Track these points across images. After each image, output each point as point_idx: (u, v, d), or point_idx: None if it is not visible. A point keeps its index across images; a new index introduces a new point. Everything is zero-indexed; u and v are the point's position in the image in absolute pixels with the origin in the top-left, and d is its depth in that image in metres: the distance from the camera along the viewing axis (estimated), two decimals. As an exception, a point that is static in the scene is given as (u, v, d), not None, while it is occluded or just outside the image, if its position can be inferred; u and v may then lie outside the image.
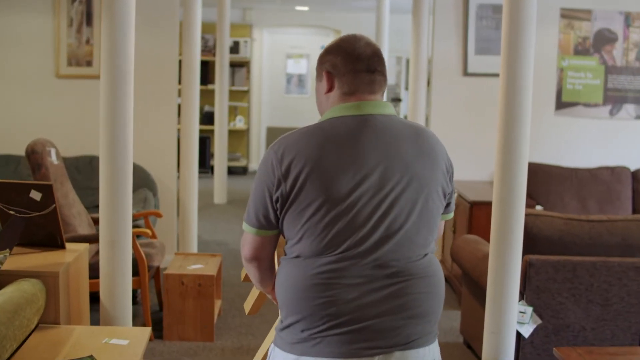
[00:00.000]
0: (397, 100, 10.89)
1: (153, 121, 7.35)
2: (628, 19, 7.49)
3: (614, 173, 7.44)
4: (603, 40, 7.53)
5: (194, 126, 7.12)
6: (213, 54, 12.36)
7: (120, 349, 3.68)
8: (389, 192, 2.46)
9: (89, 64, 7.28)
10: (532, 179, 6.77)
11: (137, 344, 3.74)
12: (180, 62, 7.22)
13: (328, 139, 2.46)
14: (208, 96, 12.82)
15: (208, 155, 13.13)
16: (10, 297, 3.54)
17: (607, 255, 4.59)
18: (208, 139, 13.00)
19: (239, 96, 13.88)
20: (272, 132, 14.31)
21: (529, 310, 4.54)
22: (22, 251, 4.30)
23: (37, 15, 7.32)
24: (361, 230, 2.44)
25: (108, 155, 4.08)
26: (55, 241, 4.37)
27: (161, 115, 7.34)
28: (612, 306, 4.57)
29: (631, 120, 7.65)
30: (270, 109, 14.66)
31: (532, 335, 4.58)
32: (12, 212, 4.26)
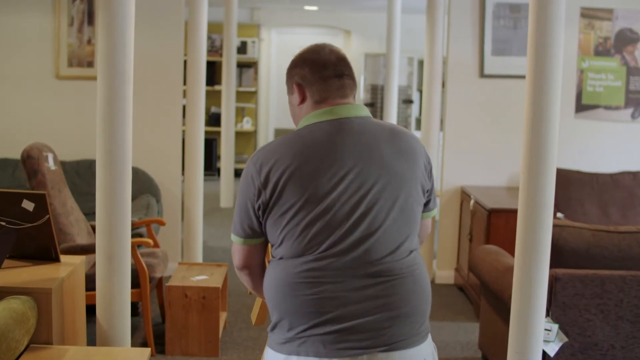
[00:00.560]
0: (409, 102, 10.62)
1: (157, 123, 7.11)
2: (651, 18, 7.19)
3: (636, 178, 7.14)
4: (625, 40, 7.23)
5: (200, 128, 6.87)
6: (220, 54, 12.21)
7: (116, 374, 3.43)
8: (368, 192, 2.51)
9: (90, 65, 7.02)
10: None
11: (135, 368, 3.48)
12: (185, 63, 6.96)
13: (305, 145, 2.54)
14: (215, 97, 12.64)
15: (214, 157, 12.93)
16: (-4, 318, 3.27)
17: (638, 269, 4.31)
18: (215, 141, 12.81)
19: (247, 97, 13.64)
20: (280, 134, 13.96)
21: (555, 327, 4.26)
22: (13, 265, 4.03)
23: (37, 14, 7.08)
24: (340, 229, 2.48)
25: (105, 161, 3.81)
26: (49, 254, 4.10)
27: (165, 117, 7.11)
28: (644, 324, 4.29)
29: (654, 123, 7.36)
30: (278, 110, 14.41)
31: (558, 354, 4.30)
32: (3, 223, 4.00)
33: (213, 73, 12.83)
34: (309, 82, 2.63)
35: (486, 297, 5.16)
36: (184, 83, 7.03)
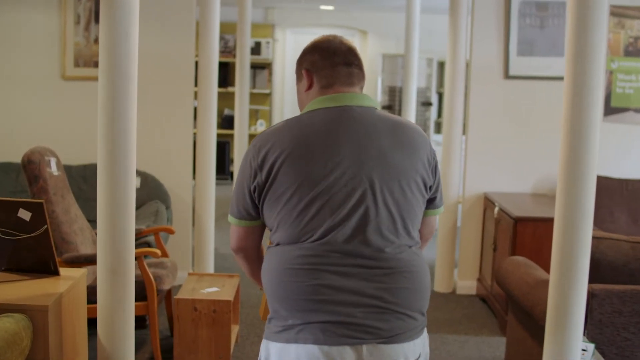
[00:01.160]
0: (428, 104, 10.32)
1: (167, 126, 6.85)
2: (684, 17, 6.86)
3: (668, 185, 6.82)
4: (656, 40, 6.91)
5: (212, 131, 6.59)
6: (233, 55, 12.00)
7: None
8: (362, 180, 2.50)
9: (98, 65, 6.71)
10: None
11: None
12: (197, 63, 6.69)
13: (303, 130, 2.55)
14: (228, 99, 12.40)
15: (228, 160, 12.68)
16: (-16, 341, 2.99)
17: (682, 285, 4.01)
18: (228, 144, 12.57)
19: (261, 99, 13.36)
20: (295, 137, 13.74)
21: (591, 347, 3.96)
22: (9, 278, 3.75)
23: (42, 12, 6.83)
24: (336, 216, 2.48)
25: (107, 166, 3.54)
26: (47, 267, 3.81)
27: (176, 119, 6.86)
28: (689, 344, 3.99)
29: (686, 127, 7.02)
30: (292, 113, 14.09)
31: (594, 375, 4.00)
32: (-2, 234, 3.72)
33: (226, 74, 12.59)
34: (318, 68, 2.67)
35: (514, 312, 4.85)
36: (195, 84, 6.76)
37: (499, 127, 6.82)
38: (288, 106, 14.06)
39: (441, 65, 12.08)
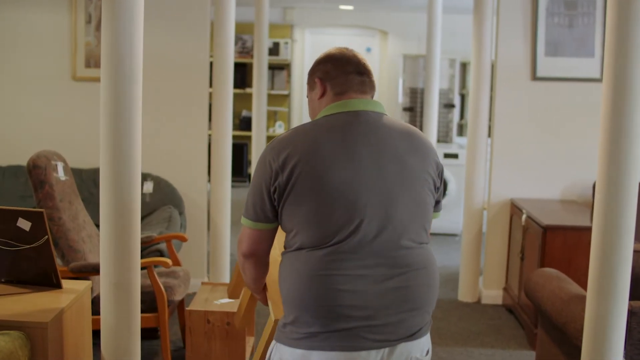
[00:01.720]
0: (450, 106, 10.06)
1: (180, 128, 6.63)
2: None
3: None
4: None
5: (227, 133, 6.35)
6: (251, 56, 11.76)
7: None
8: (382, 181, 2.56)
9: (109, 65, 6.50)
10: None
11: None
12: (211, 64, 6.46)
13: (321, 133, 2.59)
14: (246, 100, 12.19)
15: (245, 163, 12.45)
16: (-25, 363, 2.77)
17: None
18: (245, 146, 12.35)
19: (279, 100, 13.12)
20: (314, 139, 13.50)
21: (630, 368, 3.71)
22: (8, 291, 3.54)
23: (52, 11, 6.63)
24: (358, 218, 2.52)
25: (109, 175, 3.30)
26: (49, 279, 3.59)
27: (190, 121, 6.63)
28: None
29: None
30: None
31: (633, 398, 3.74)
32: (-4, 244, 3.50)
33: (244, 75, 12.39)
34: (331, 77, 2.72)
35: (545, 327, 4.58)
36: (210, 85, 6.54)
37: (526, 131, 6.55)
38: (307, 108, 13.77)
39: (463, 66, 11.82)
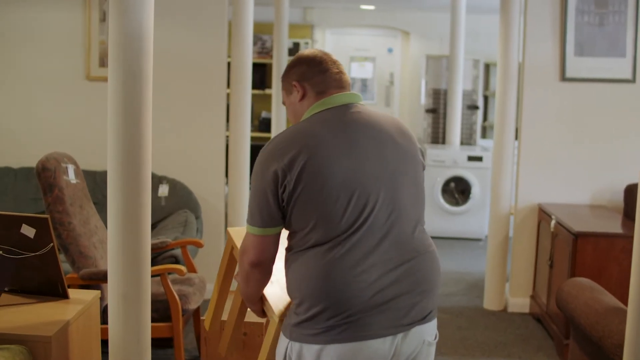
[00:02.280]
0: (474, 107, 9.82)
1: (197, 130, 6.45)
2: None
3: None
4: None
5: (245, 135, 6.16)
6: (271, 56, 11.55)
7: None
8: (386, 167, 2.63)
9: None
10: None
11: None
12: (229, 64, 6.28)
13: (319, 129, 2.61)
14: (265, 101, 12.00)
15: (265, 165, 12.17)
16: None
17: None
18: (265, 148, 12.06)
19: (299, 102, 12.89)
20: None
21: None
22: (12, 302, 3.35)
23: (65, 9, 6.48)
24: (369, 206, 2.56)
25: (117, 178, 3.11)
26: (55, 289, 3.40)
27: (207, 122, 6.46)
28: None
29: None
30: (332, 116, 13.65)
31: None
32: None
33: (263, 76, 12.20)
34: (308, 77, 2.74)
35: (577, 340, 4.35)
36: (228, 86, 6.37)
37: (555, 133, 6.31)
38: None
39: (486, 67, 11.59)
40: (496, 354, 5.46)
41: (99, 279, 4.42)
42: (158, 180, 6.28)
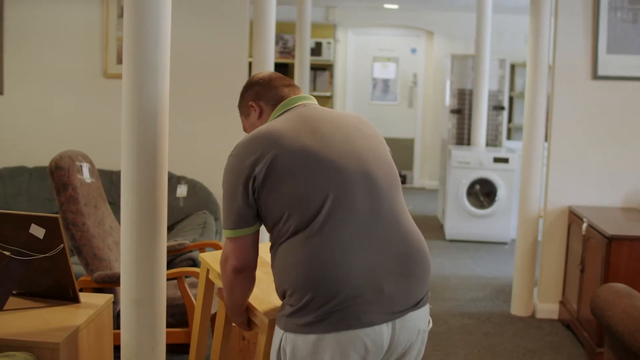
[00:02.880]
0: (500, 108, 9.61)
1: (217, 131, 6.31)
2: None
3: None
4: None
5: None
6: (293, 56, 11.42)
7: None
8: (354, 147, 2.66)
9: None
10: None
11: None
12: (250, 65, 6.14)
13: (282, 125, 2.66)
14: (287, 102, 11.79)
15: (286, 166, 12.05)
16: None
17: None
18: (286, 149, 11.93)
19: (321, 102, 12.60)
20: (357, 143, 13.11)
21: None
22: (20, 305, 3.20)
23: (82, 5, 6.40)
24: (347, 188, 2.58)
25: (131, 178, 2.93)
26: (65, 292, 3.24)
27: (227, 122, 6.33)
28: None
29: None
30: (354, 117, 13.46)
31: None
32: (7, 253, 3.15)
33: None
34: (262, 95, 2.86)
35: (614, 349, 4.14)
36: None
37: (586, 133, 6.10)
38: (350, 110, 13.42)
39: (512, 67, 11.39)
40: (525, 362, 5.27)
41: (114, 282, 4.26)
42: (177, 180, 6.15)
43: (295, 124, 2.66)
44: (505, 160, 8.77)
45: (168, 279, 4.77)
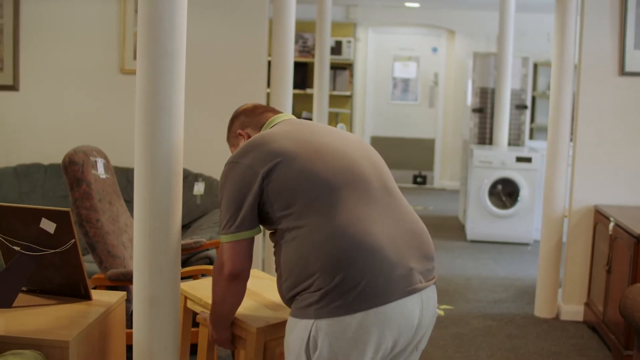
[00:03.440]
0: (523, 107, 9.46)
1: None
2: None
3: None
4: None
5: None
6: (312, 55, 11.33)
7: None
8: (347, 142, 2.82)
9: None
10: None
11: None
12: (269, 63, 6.03)
13: (275, 131, 2.81)
14: (306, 101, 11.78)
15: (305, 165, 11.95)
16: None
17: None
18: (305, 149, 11.83)
19: (341, 102, 12.65)
20: (377, 142, 13.02)
21: None
22: (30, 302, 3.10)
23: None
24: (357, 169, 2.71)
25: (144, 172, 2.83)
26: (77, 289, 3.13)
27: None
28: None
29: None
30: (375, 117, 13.37)
31: None
32: (17, 248, 3.05)
33: (305, 75, 11.98)
34: (248, 123, 3.03)
35: (643, 351, 4.02)
36: (268, 85, 6.14)
37: (613, 130, 5.95)
38: (370, 110, 13.30)
39: (534, 67, 11.24)
40: (550, 365, 5.14)
41: (128, 280, 4.16)
42: (194, 178, 6.05)
43: (286, 128, 2.81)
44: (528, 159, 8.62)
45: (184, 278, 4.67)
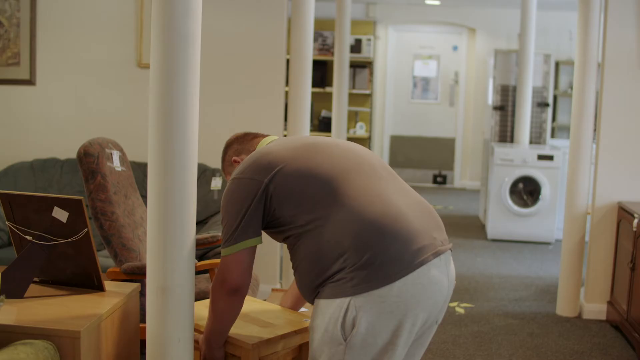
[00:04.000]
0: (545, 105, 9.37)
1: (254, 127, 6.07)
2: None
3: None
4: None
5: (304, 133, 5.82)
6: (332, 53, 11.26)
7: None
8: (347, 147, 2.95)
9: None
10: None
11: None
12: (288, 62, 5.96)
13: (272, 147, 2.90)
14: (326, 100, 11.69)
15: (325, 164, 11.87)
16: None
17: None
18: (325, 148, 11.74)
19: (360, 100, 12.55)
20: (397, 141, 12.94)
21: None
22: (41, 293, 3.04)
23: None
24: (360, 159, 2.88)
25: (158, 165, 2.75)
26: (89, 280, 3.07)
27: (264, 119, 6.15)
28: None
29: None
30: (394, 116, 13.30)
31: None
32: (29, 238, 3.00)
33: (324, 73, 11.88)
34: (242, 149, 3.14)
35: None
36: (286, 84, 6.08)
37: (637, 127, 5.85)
38: (390, 108, 13.22)
39: (556, 65, 11.13)
40: (573, 364, 5.04)
41: (143, 274, 4.09)
42: (211, 173, 6.00)
43: (279, 142, 2.94)
44: (550, 157, 8.51)
45: (200, 272, 4.60)
